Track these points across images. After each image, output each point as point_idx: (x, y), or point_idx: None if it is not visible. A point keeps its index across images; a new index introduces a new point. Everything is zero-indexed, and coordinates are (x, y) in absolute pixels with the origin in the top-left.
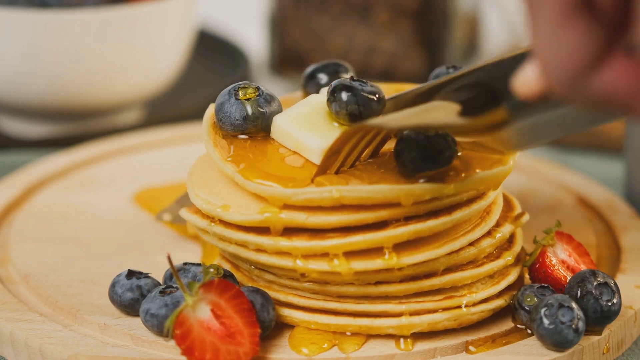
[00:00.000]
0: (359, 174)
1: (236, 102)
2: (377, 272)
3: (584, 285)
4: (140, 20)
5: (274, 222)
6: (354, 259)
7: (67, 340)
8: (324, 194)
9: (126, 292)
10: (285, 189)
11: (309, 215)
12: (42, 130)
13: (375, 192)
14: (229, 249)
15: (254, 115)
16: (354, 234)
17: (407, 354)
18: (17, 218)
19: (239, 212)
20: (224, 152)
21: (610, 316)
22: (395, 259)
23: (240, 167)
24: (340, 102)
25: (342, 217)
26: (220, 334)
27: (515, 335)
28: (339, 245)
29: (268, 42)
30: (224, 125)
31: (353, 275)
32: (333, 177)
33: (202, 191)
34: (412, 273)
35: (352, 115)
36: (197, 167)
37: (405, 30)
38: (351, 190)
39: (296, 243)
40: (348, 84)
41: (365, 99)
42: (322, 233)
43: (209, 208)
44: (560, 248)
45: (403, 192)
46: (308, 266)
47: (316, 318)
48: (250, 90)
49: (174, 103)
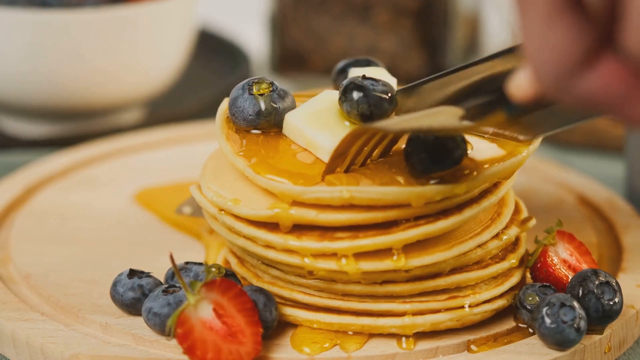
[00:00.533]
0: (369, 174)
1: (249, 97)
2: (385, 272)
3: (586, 285)
4: (141, 20)
5: (283, 218)
6: (362, 259)
7: (68, 339)
8: (334, 193)
9: (128, 291)
10: (295, 186)
11: (318, 213)
12: (42, 130)
13: (386, 193)
14: (238, 242)
15: (266, 111)
16: (364, 236)
17: (408, 353)
18: (18, 218)
19: (249, 206)
20: (236, 146)
21: (611, 315)
22: (403, 261)
23: (252, 161)
24: (352, 102)
25: (351, 215)
26: (222, 333)
27: (516, 335)
28: (348, 247)
29: (268, 42)
30: (237, 119)
31: (361, 275)
32: (343, 176)
33: (214, 184)
34: (419, 274)
35: (363, 116)
36: (210, 161)
37: (405, 30)
38: (361, 191)
39: (305, 243)
40: (359, 83)
41: (377, 99)
42: (332, 232)
43: (219, 201)
44: (561, 247)
45: (414, 194)
46: (316, 265)
47: (319, 317)
48: (264, 86)
49: (174, 103)
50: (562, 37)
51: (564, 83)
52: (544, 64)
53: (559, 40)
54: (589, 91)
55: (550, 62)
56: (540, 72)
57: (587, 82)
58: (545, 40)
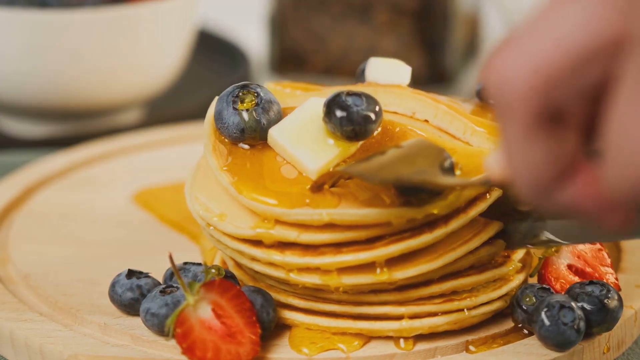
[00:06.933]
0: (353, 190)
1: (234, 113)
2: (370, 284)
3: (584, 285)
4: (140, 20)
5: (266, 237)
6: (345, 274)
7: (67, 340)
8: (315, 216)
9: (126, 291)
10: (276, 208)
11: (300, 233)
12: (42, 130)
13: (366, 215)
14: (226, 252)
15: (250, 128)
16: (347, 251)
17: (407, 354)
18: (17, 218)
19: (234, 223)
20: (222, 160)
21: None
22: (387, 275)
23: (235, 179)
24: (335, 123)
25: (333, 235)
26: (221, 333)
27: (515, 335)
28: (331, 263)
29: (268, 42)
30: (223, 134)
31: (345, 288)
32: (327, 196)
33: (203, 193)
34: (406, 284)
35: (347, 137)
36: (204, 161)
37: (405, 30)
38: (342, 213)
39: (288, 258)
40: (342, 102)
41: (360, 119)
42: (315, 247)
43: (205, 215)
44: (565, 253)
45: (393, 214)
46: (300, 279)
47: (317, 321)
48: (248, 98)
49: (174, 103)
50: (538, 156)
51: (543, 196)
52: (523, 180)
53: (535, 158)
54: (568, 202)
55: (528, 178)
56: (520, 185)
57: (565, 194)
58: (523, 157)
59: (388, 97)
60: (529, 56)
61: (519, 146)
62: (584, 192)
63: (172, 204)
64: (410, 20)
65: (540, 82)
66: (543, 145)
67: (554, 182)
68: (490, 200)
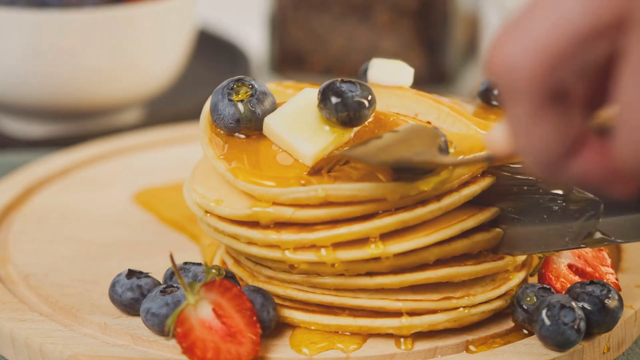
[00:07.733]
0: (348, 171)
1: (229, 104)
2: (366, 262)
3: (584, 285)
4: (140, 20)
5: (261, 216)
6: (340, 249)
7: (67, 340)
8: (310, 192)
9: (126, 291)
10: (273, 189)
11: (295, 210)
12: (42, 130)
13: (361, 190)
14: (223, 241)
15: (246, 118)
16: (341, 226)
17: (407, 354)
18: (17, 218)
19: (230, 206)
20: (218, 150)
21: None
22: (381, 248)
23: (232, 165)
24: (330, 109)
25: (329, 211)
26: (222, 333)
27: (515, 335)
28: (325, 237)
29: (268, 42)
30: (219, 125)
31: (341, 265)
32: (324, 178)
33: (201, 186)
34: (402, 264)
35: (342, 122)
36: (201, 163)
37: (405, 30)
38: (337, 188)
39: (284, 236)
40: (337, 88)
41: (355, 105)
42: (310, 226)
43: (203, 202)
44: (565, 252)
45: (388, 189)
46: (296, 257)
47: (316, 318)
48: (243, 90)
49: (174, 103)
50: (547, 133)
51: (553, 170)
52: (532, 156)
53: (544, 136)
54: (576, 175)
55: (537, 155)
56: (529, 161)
57: (573, 167)
58: (531, 135)
59: (390, 99)
60: (532, 38)
61: (528, 126)
62: (592, 163)
63: (172, 204)
64: (411, 20)
65: (545, 62)
66: (551, 122)
67: (564, 156)
68: (483, 184)
